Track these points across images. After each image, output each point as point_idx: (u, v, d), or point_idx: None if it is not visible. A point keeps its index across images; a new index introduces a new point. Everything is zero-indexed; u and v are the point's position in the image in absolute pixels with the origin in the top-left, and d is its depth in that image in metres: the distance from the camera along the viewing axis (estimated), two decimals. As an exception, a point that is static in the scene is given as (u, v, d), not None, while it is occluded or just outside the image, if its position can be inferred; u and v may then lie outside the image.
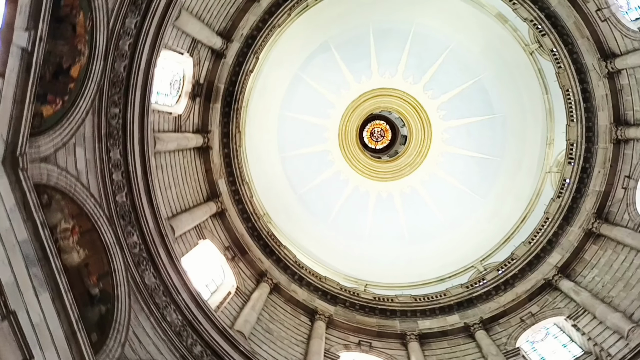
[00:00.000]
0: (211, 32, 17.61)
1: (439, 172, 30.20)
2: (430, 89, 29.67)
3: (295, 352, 16.85)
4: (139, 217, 13.19)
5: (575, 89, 19.18)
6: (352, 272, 26.71)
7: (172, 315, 13.20)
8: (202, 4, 16.74)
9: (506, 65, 26.37)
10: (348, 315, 19.85)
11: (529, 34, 23.11)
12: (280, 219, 26.58)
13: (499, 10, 23.95)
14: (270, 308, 18.42)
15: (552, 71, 20.83)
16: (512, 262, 20.56)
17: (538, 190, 25.42)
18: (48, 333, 8.98)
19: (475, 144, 29.19)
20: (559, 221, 19.67)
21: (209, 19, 17.49)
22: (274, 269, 19.77)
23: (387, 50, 28.72)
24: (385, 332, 19.56)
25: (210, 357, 13.44)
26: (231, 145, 19.82)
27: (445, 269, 26.01)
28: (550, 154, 25.13)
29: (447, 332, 19.46)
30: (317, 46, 27.96)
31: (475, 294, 20.24)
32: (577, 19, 17.98)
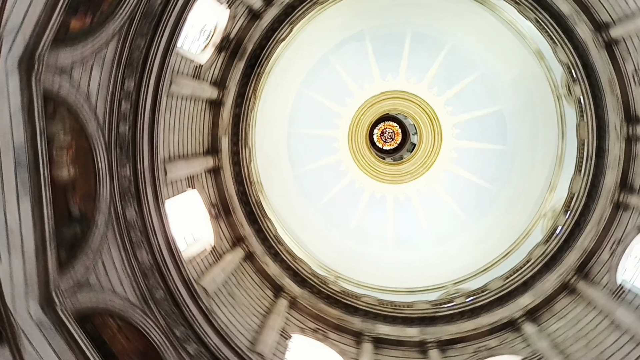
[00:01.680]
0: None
1: (438, 187, 30.22)
2: (451, 105, 29.59)
3: (252, 322, 16.94)
4: (136, 151, 13.18)
5: (591, 144, 19.10)
6: (327, 261, 26.77)
7: (143, 254, 13.24)
8: (253, -39, 16.62)
9: (531, 102, 26.30)
10: (312, 301, 19.93)
11: (561, 78, 22.98)
12: (272, 191, 26.55)
13: (539, 47, 23.81)
14: (239, 274, 18.49)
15: (573, 120, 20.80)
16: (483, 292, 20.62)
17: (527, 231, 25.46)
18: (20, 240, 9.02)
19: (480, 170, 29.19)
20: (539, 266, 19.71)
21: (255, -23, 17.37)
22: (252, 237, 19.79)
23: (420, 55, 28.56)
24: (343, 327, 19.65)
25: (169, 304, 13.50)
26: (244, 106, 19.75)
27: (417, 282, 26.07)
28: (549, 199, 25.14)
29: (403, 343, 19.56)
30: (353, 33, 27.77)
31: (439, 313, 20.31)
32: (611, 75, 17.83)
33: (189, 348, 13.45)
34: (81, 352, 9.78)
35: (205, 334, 14.03)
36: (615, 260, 17.89)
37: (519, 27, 24.44)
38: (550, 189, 25.28)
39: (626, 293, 16.77)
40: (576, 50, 18.44)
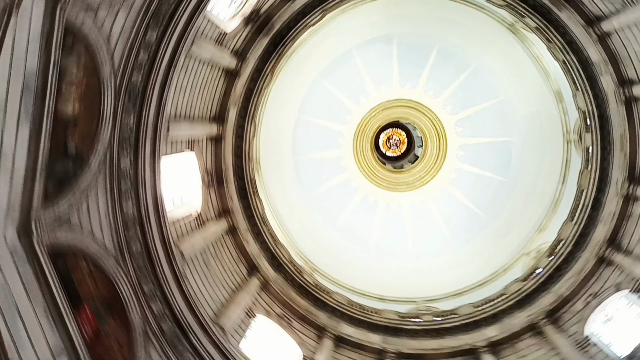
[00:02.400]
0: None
1: (431, 204, 30.25)
2: (461, 127, 29.59)
3: (220, 294, 16.98)
4: (144, 102, 13.15)
5: (589, 194, 19.15)
6: (306, 252, 26.84)
7: (129, 205, 13.23)
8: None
9: (540, 141, 26.33)
10: (284, 287, 19.96)
11: (575, 123, 23.02)
12: (268, 171, 26.54)
13: (560, 88, 23.82)
14: (218, 246, 18.48)
15: (577, 167, 20.85)
16: (452, 316, 20.74)
17: (508, 265, 25.55)
18: (11, 164, 9.01)
19: (475, 196, 29.24)
20: (512, 302, 19.81)
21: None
22: (239, 213, 19.77)
23: (442, 71, 28.53)
24: (308, 319, 19.71)
25: (143, 259, 13.52)
26: (259, 82, 19.67)
27: (390, 291, 26.17)
28: (537, 239, 25.23)
29: (364, 347, 19.63)
30: (382, 35, 27.68)
31: (405, 326, 20.40)
32: (624, 132, 17.87)
33: (154, 306, 13.47)
34: (47, 286, 9.78)
35: (172, 295, 14.05)
36: (588, 312, 18.02)
37: (544, 64, 24.43)
38: (540, 229, 25.37)
39: (591, 346, 16.91)
40: (595, 100, 18.43)
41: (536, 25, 18.73)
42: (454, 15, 25.59)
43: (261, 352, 16.82)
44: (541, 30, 18.71)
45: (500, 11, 21.56)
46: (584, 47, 17.75)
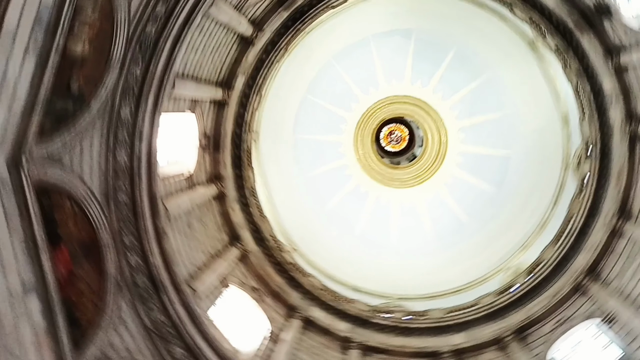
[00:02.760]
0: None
1: (420, 204, 30.32)
2: (464, 133, 29.58)
3: (198, 259, 17.01)
4: (154, 54, 13.08)
5: (578, 221, 19.26)
6: (290, 230, 26.86)
7: (122, 154, 13.21)
8: None
9: (539, 161, 26.31)
10: (263, 262, 20.03)
11: (576, 149, 22.99)
12: (266, 145, 26.46)
13: (568, 112, 23.76)
14: (204, 210, 18.48)
15: (571, 193, 20.91)
16: (422, 317, 20.91)
17: (486, 277, 25.66)
18: (12, 92, 8.95)
19: (466, 204, 29.31)
20: (483, 313, 20.01)
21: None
22: (231, 181, 19.73)
23: (455, 74, 28.41)
24: (280, 296, 19.84)
25: (127, 210, 13.50)
26: (272, 54, 19.54)
27: (365, 283, 26.30)
28: (518, 257, 25.33)
29: (330, 333, 19.81)
30: (403, 28, 27.46)
31: (374, 319, 20.55)
32: (623, 168, 17.93)
33: (131, 258, 13.49)
34: (29, 220, 9.75)
35: (150, 250, 14.06)
36: (555, 336, 18.25)
37: (557, 86, 24.34)
38: (523, 247, 25.47)
39: (551, 370, 17.19)
40: (601, 130, 18.44)
41: (556, 46, 18.64)
42: (477, 22, 25.39)
43: (228, 321, 16.91)
44: (560, 51, 18.62)
45: (523, 26, 21.42)
46: (599, 75, 17.68)
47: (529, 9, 18.28)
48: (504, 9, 20.19)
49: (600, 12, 16.55)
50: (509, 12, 19.86)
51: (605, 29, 16.89)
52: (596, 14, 16.82)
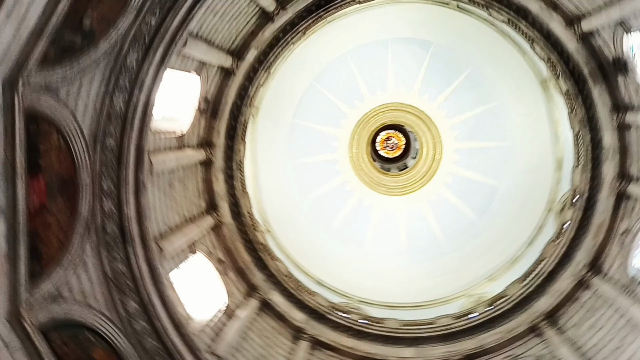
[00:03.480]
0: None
1: (400, 214, 30.39)
2: (459, 155, 29.69)
3: (172, 219, 16.91)
4: (172, 7, 13.09)
5: (548, 265, 19.48)
6: (269, 213, 26.87)
7: (119, 100, 13.19)
8: None
9: (525, 199, 26.53)
10: (234, 237, 19.93)
11: (563, 195, 23.19)
12: (264, 123, 26.49)
13: (563, 157, 23.99)
14: (188, 173, 18.37)
15: (548, 236, 21.19)
16: (378, 324, 20.97)
17: (447, 299, 25.79)
18: (24, 12, 8.85)
19: (445, 224, 29.44)
20: (438, 333, 20.16)
21: None
22: (221, 150, 19.59)
23: (464, 96, 28.50)
24: (244, 274, 19.77)
25: (112, 156, 13.39)
26: (288, 36, 19.36)
27: (330, 279, 26.44)
28: (483, 286, 25.54)
29: (285, 320, 19.77)
30: (421, 38, 27.42)
31: (330, 316, 20.56)
32: (604, 222, 18.16)
33: (105, 204, 13.38)
34: (12, 143, 9.65)
35: (126, 200, 13.96)
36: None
37: (559, 129, 24.52)
38: (490, 278, 25.72)
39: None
40: (591, 182, 18.59)
41: (567, 90, 18.74)
42: (497, 49, 25.47)
43: (188, 287, 16.87)
44: (570, 96, 18.73)
45: (540, 64, 21.52)
46: (602, 128, 17.83)
47: (549, 49, 18.31)
48: (525, 43, 20.22)
49: (617, 66, 16.65)
50: (529, 47, 19.90)
51: (618, 84, 17.01)
52: (613, 68, 16.92)
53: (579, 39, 17.32)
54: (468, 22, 24.41)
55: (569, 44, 17.60)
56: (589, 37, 17.11)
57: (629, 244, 17.38)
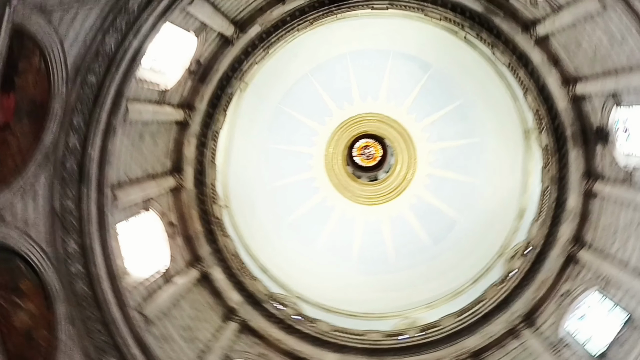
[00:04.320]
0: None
1: (359, 222, 30.38)
2: (430, 179, 29.89)
3: (133, 171, 16.59)
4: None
5: (485, 307, 20.13)
6: (232, 189, 26.51)
7: (111, 40, 13.23)
8: None
9: (481, 238, 26.86)
10: (191, 204, 19.64)
11: (517, 246, 23.56)
12: (248, 101, 26.02)
13: (526, 209, 24.41)
14: (162, 129, 18.12)
15: (493, 279, 21.65)
16: (308, 322, 21.11)
17: (383, 316, 25.84)
18: None
19: (399, 243, 29.51)
20: (365, 346, 20.47)
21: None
22: (200, 115, 19.24)
23: (450, 124, 28.73)
24: (192, 243, 19.43)
25: (91, 92, 13.24)
26: (295, 22, 19.34)
27: (274, 268, 26.43)
28: (418, 311, 25.66)
29: (220, 297, 19.63)
30: (423, 59, 27.49)
31: (266, 304, 20.61)
32: (547, 280, 18.69)
33: (70, 139, 13.15)
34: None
35: (93, 142, 13.77)
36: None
37: (529, 181, 24.84)
38: (429, 305, 25.94)
39: None
40: (546, 238, 19.08)
41: (547, 145, 19.12)
42: (491, 88, 25.68)
43: (132, 241, 16.62)
44: (548, 152, 19.11)
45: (528, 113, 21.79)
46: (570, 190, 18.27)
47: (540, 102, 18.66)
48: (520, 91, 20.55)
49: (599, 135, 17.05)
50: (522, 95, 20.25)
51: (596, 152, 17.44)
52: (595, 136, 17.33)
53: (570, 100, 17.71)
54: (471, 55, 24.63)
55: (560, 102, 17.95)
56: (580, 101, 17.50)
57: (566, 305, 17.88)
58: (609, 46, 14.90)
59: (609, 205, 17.02)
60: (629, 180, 15.74)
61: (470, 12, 18.50)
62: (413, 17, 22.75)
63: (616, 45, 14.57)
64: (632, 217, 15.84)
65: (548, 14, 16.48)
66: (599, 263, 16.94)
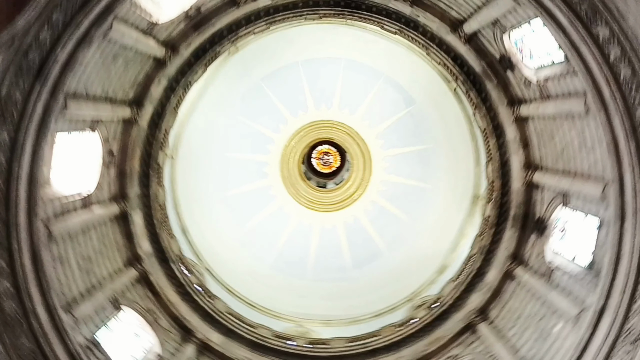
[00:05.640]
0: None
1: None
2: (372, 206, 30.34)
3: (94, 88, 15.98)
4: None
5: (379, 342, 20.58)
6: (184, 144, 25.94)
7: None
8: None
9: (400, 278, 27.37)
10: (138, 142, 18.52)
11: (426, 298, 24.04)
12: (231, 62, 25.75)
13: (448, 267, 25.18)
14: (138, 59, 17.65)
15: (397, 319, 22.17)
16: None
17: (292, 322, 26.05)
18: None
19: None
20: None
21: None
22: (179, 61, 19.04)
23: (412, 162, 29.36)
24: (124, 179, 18.65)
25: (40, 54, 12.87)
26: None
27: (199, 239, 26.37)
28: (319, 326, 26.16)
29: (131, 240, 18.98)
30: (409, 94, 28.03)
31: (173, 264, 20.26)
32: (441, 339, 19.43)
33: (42, 34, 12.66)
34: None
35: (63, 46, 13.32)
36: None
37: (461, 242, 25.69)
38: (325, 323, 26.13)
39: None
40: (454, 301, 19.85)
41: (488, 217, 19.74)
42: (461, 145, 25.97)
43: (66, 155, 15.97)
44: (487, 223, 19.69)
45: (484, 182, 22.24)
46: (493, 266, 19.07)
47: (498, 175, 19.38)
48: (484, 158, 20.95)
49: (537, 226, 17.71)
50: (485, 162, 20.68)
51: (529, 240, 18.10)
52: (533, 224, 17.98)
53: (525, 184, 18.44)
54: (454, 108, 24.95)
55: (515, 183, 18.64)
56: (533, 188, 18.25)
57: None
58: (577, 149, 15.45)
59: (521, 292, 17.68)
60: (548, 276, 16.38)
61: (468, 69, 18.88)
62: (415, 52, 22.97)
63: (584, 150, 15.11)
64: (538, 310, 16.50)
65: (536, 98, 16.97)
66: (493, 341, 17.56)
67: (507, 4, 14.23)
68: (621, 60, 12.02)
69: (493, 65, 18.14)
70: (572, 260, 15.89)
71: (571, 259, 15.93)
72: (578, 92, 14.18)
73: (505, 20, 15.61)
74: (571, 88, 14.63)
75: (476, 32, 17.52)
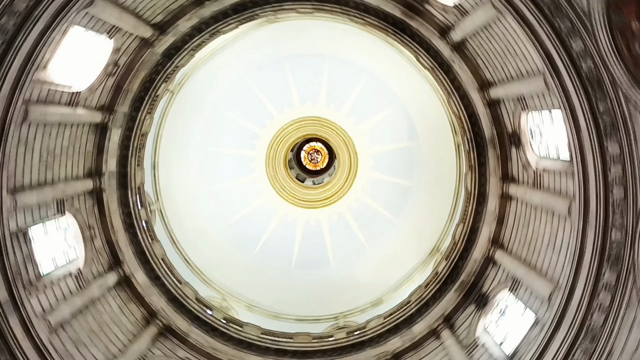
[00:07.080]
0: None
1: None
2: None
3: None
4: None
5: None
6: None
7: None
8: None
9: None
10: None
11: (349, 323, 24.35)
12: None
13: (383, 302, 25.36)
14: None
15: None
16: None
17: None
18: None
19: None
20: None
21: None
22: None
23: (395, 191, 29.63)
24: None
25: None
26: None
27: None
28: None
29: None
30: (415, 129, 28.46)
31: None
32: None
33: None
34: None
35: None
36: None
37: (402, 287, 26.12)
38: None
39: None
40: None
41: (438, 272, 20.00)
42: (441, 197, 26.35)
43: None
44: (435, 278, 19.97)
45: (447, 240, 22.47)
46: (419, 320, 19.44)
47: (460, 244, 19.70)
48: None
49: (481, 299, 18.06)
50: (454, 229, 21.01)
51: (468, 309, 18.46)
52: (479, 297, 18.27)
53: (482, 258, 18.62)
54: (451, 159, 24.85)
55: (476, 252, 18.83)
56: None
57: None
58: (545, 245, 15.61)
59: (439, 354, 18.27)
60: (471, 350, 17.00)
61: (479, 130, 18.64)
62: (437, 94, 23.10)
63: (550, 249, 15.24)
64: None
65: (528, 183, 16.99)
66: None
67: (539, 86, 14.28)
68: (619, 183, 12.17)
69: (502, 137, 18.16)
70: (499, 344, 16.08)
71: (498, 343, 16.12)
72: (568, 194, 14.31)
73: (530, 100, 15.68)
74: (563, 188, 14.76)
75: (500, 100, 17.58)
